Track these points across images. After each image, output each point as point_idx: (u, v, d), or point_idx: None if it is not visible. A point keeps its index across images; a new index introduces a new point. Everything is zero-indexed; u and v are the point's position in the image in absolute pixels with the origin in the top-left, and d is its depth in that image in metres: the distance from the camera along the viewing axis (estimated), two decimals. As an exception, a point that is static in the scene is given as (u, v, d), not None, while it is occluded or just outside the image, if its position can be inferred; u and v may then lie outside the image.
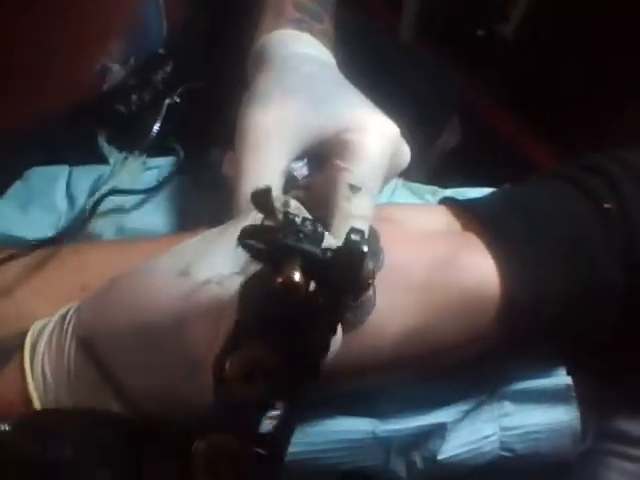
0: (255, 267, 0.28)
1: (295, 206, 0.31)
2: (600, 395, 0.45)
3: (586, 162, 0.45)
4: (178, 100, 0.51)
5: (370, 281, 0.21)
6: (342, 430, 0.39)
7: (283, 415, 0.22)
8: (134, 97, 0.51)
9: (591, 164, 0.44)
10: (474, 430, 0.42)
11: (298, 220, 0.23)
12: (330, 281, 0.20)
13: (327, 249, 0.21)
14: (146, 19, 0.48)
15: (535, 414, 0.43)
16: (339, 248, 0.20)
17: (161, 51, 0.52)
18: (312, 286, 0.21)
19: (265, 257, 0.21)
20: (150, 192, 0.43)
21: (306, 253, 0.20)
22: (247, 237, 0.24)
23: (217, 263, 0.29)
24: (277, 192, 0.36)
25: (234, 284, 0.27)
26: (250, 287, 0.23)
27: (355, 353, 0.35)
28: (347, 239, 0.20)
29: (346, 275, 0.20)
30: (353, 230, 0.20)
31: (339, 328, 0.28)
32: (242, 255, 0.30)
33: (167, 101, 0.50)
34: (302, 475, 0.41)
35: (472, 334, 0.38)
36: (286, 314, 0.21)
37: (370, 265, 0.21)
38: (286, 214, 0.23)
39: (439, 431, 0.41)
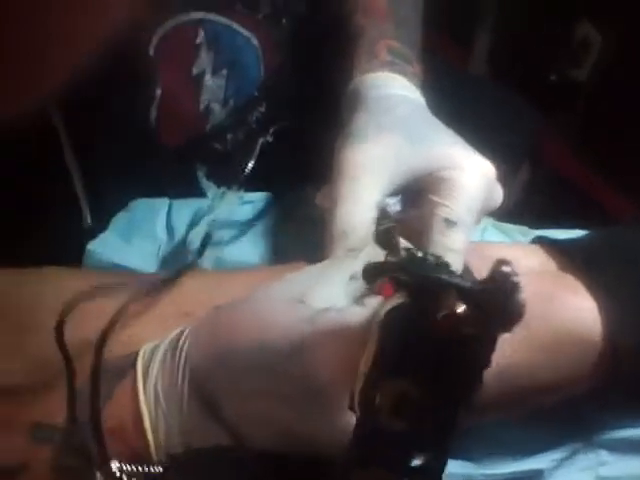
0: (373, 300, 0.29)
1: (406, 245, 0.31)
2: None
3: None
4: (271, 139, 0.53)
5: (523, 310, 0.21)
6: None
7: (434, 448, 0.21)
8: (230, 136, 0.53)
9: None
10: (570, 479, 0.41)
11: (421, 256, 0.23)
12: (485, 313, 0.20)
13: (477, 281, 0.21)
14: (245, 63, 0.50)
15: (633, 464, 0.41)
16: (491, 279, 0.21)
17: (256, 93, 0.54)
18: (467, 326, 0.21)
19: (416, 291, 0.21)
20: (246, 225, 0.44)
21: (460, 286, 0.20)
22: (372, 272, 0.24)
23: (331, 294, 0.30)
24: (369, 225, 0.36)
25: (354, 314, 0.28)
26: (392, 318, 0.23)
27: None
28: (495, 270, 0.20)
29: (501, 305, 0.20)
30: (501, 261, 0.20)
31: None
32: (355, 288, 0.31)
33: (261, 140, 0.52)
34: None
35: (570, 375, 0.38)
36: (438, 348, 0.21)
37: (523, 297, 0.21)
38: (409, 250, 0.23)
39: (535, 478, 0.40)
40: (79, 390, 0.31)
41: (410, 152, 0.38)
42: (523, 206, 0.84)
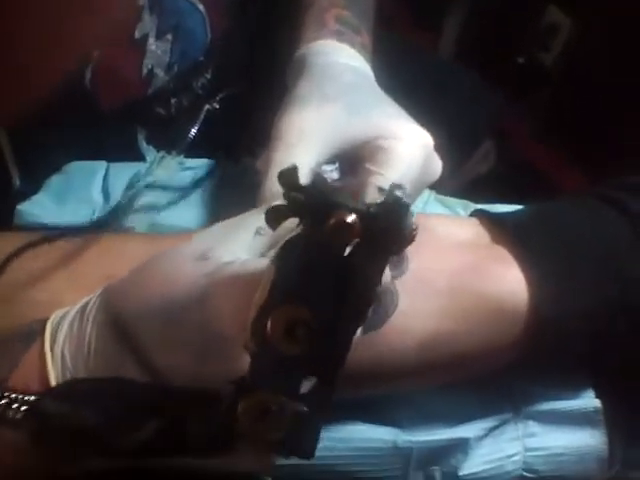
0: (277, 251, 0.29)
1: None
2: (629, 421, 0.43)
3: (619, 182, 0.44)
4: (217, 106, 0.52)
5: (414, 233, 0.21)
6: (363, 437, 0.39)
7: (325, 373, 0.22)
8: (174, 101, 0.52)
9: (624, 183, 0.44)
10: (497, 448, 0.41)
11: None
12: (376, 233, 0.21)
13: (370, 204, 0.21)
14: (191, 28, 0.49)
15: (561, 436, 0.42)
16: (383, 201, 0.21)
17: (201, 58, 0.53)
18: (354, 241, 0.21)
19: (309, 210, 0.21)
20: (184, 191, 0.44)
21: (352, 205, 0.21)
22: (275, 213, 0.24)
23: (236, 249, 0.30)
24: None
25: (256, 265, 0.28)
26: (287, 249, 0.23)
27: (377, 355, 0.35)
28: (389, 194, 0.20)
29: (392, 225, 0.21)
30: (394, 186, 0.21)
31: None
32: (260, 242, 0.31)
33: (206, 107, 0.51)
34: (320, 480, 0.40)
35: (496, 344, 0.38)
36: (330, 269, 0.21)
37: (413, 218, 0.21)
38: (315, 182, 0.23)
39: (462, 446, 0.40)
40: None
41: (349, 120, 0.38)
42: (482, 183, 0.84)
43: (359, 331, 0.27)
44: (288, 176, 0.24)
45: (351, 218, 0.20)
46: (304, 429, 0.22)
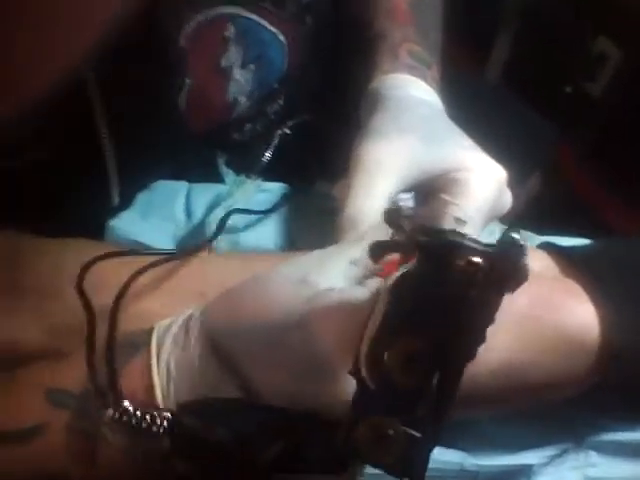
0: (372, 281, 0.31)
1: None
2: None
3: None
4: (289, 132, 0.54)
5: (527, 277, 0.23)
6: (432, 459, 0.40)
7: (436, 402, 0.23)
8: (248, 126, 0.55)
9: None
10: (558, 476, 0.42)
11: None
12: (496, 273, 0.22)
13: (490, 245, 0.23)
14: (271, 57, 0.51)
15: (621, 467, 0.43)
16: (502, 243, 0.22)
17: (275, 85, 0.55)
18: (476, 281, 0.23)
19: (429, 250, 0.23)
20: (266, 214, 0.46)
21: (472, 246, 0.22)
22: (380, 248, 0.26)
23: (333, 276, 0.32)
24: (379, 215, 0.38)
25: (354, 292, 0.30)
26: (401, 284, 0.24)
27: None
28: (506, 236, 0.22)
29: (511, 266, 0.22)
30: (510, 229, 0.22)
31: None
32: (355, 272, 0.33)
33: (278, 132, 0.54)
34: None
35: (566, 376, 0.39)
36: (447, 304, 0.23)
37: (528, 260, 0.22)
38: (418, 226, 0.25)
39: (525, 472, 0.41)
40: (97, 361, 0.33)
41: (425, 152, 0.40)
42: (530, 214, 0.85)
43: None
44: (393, 215, 0.26)
45: (477, 260, 0.22)
46: (417, 453, 0.23)
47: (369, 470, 0.28)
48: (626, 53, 1.15)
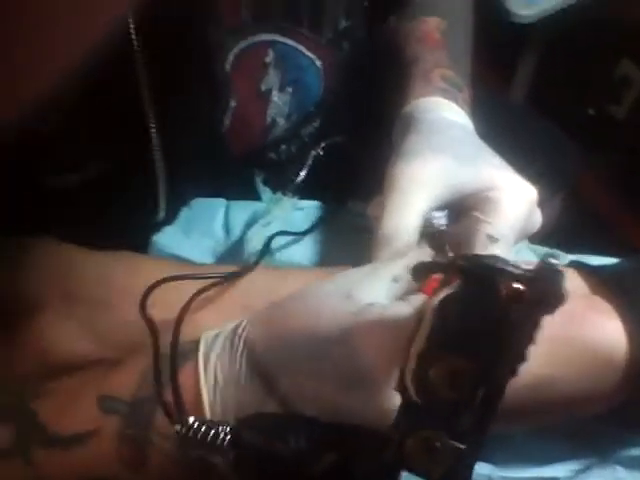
0: (414, 297, 0.32)
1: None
2: None
3: None
4: (322, 153, 0.56)
5: (566, 299, 0.24)
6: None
7: (479, 416, 0.25)
8: (284, 147, 0.57)
9: None
10: (585, 490, 0.43)
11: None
12: (537, 297, 0.24)
13: (530, 270, 0.24)
14: (308, 82, 0.54)
15: (646, 481, 0.43)
16: (542, 268, 0.24)
17: (311, 108, 0.57)
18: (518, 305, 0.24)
19: (475, 276, 0.25)
20: (305, 234, 0.48)
21: (516, 270, 0.24)
22: (423, 269, 0.28)
23: (376, 292, 0.33)
24: (414, 233, 0.39)
25: (397, 308, 0.31)
26: (446, 304, 0.26)
27: None
28: (546, 261, 0.24)
29: (550, 290, 0.24)
30: (548, 254, 0.24)
31: None
32: (396, 289, 0.34)
33: (312, 153, 0.56)
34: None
35: (595, 392, 0.40)
36: (490, 325, 0.24)
37: (566, 286, 0.24)
38: (461, 254, 0.27)
39: (552, 485, 0.42)
40: (146, 370, 0.35)
41: (458, 171, 0.41)
42: (555, 234, 0.86)
43: None
44: (434, 236, 0.28)
45: (519, 285, 0.23)
46: (462, 465, 0.25)
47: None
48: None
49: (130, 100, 0.42)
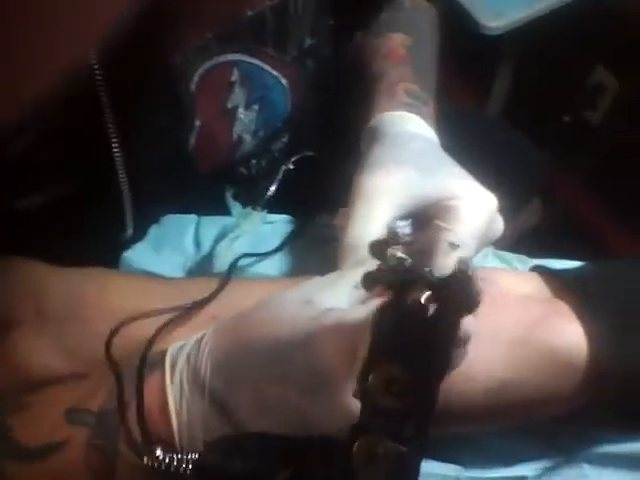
0: (374, 302, 0.33)
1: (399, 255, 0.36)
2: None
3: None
4: (292, 167, 0.58)
5: (479, 299, 0.26)
6: (428, 472, 0.42)
7: (419, 422, 0.26)
8: (254, 162, 0.59)
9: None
10: (552, 488, 0.44)
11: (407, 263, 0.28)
12: (448, 301, 0.25)
13: (442, 277, 0.26)
14: (274, 99, 0.55)
15: (612, 478, 0.44)
16: (452, 273, 0.25)
17: (280, 124, 0.59)
18: (433, 309, 0.26)
19: (395, 285, 0.26)
20: (273, 254, 0.49)
21: (427, 279, 0.25)
22: (372, 278, 0.29)
23: (337, 298, 0.34)
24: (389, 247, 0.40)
25: (355, 312, 0.32)
26: (382, 313, 0.27)
27: (445, 398, 0.39)
28: (457, 268, 0.25)
29: (461, 293, 0.25)
30: (460, 261, 0.25)
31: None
32: (358, 294, 0.35)
33: (283, 167, 0.57)
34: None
35: (556, 394, 0.41)
36: (415, 334, 0.26)
37: (479, 286, 0.25)
38: (399, 258, 0.28)
39: (519, 484, 0.43)
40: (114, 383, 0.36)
41: (420, 182, 0.42)
42: (531, 240, 0.87)
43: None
44: (377, 247, 0.29)
45: (426, 295, 0.25)
46: (406, 468, 0.26)
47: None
48: (622, 83, 1.19)
49: (92, 119, 0.44)
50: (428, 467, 0.42)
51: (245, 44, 0.51)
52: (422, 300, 0.25)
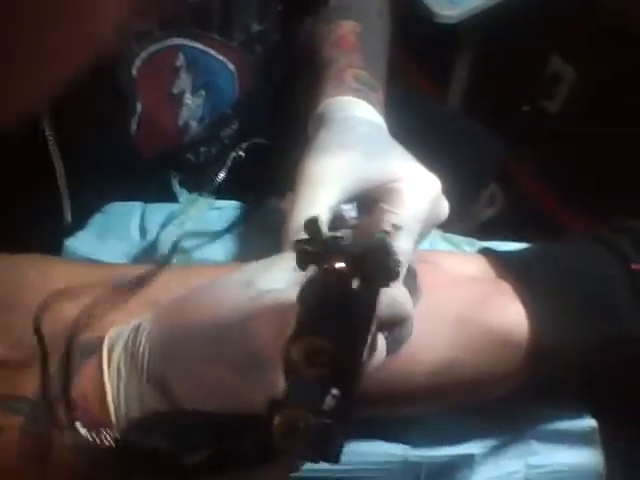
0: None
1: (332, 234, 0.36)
2: (627, 443, 0.46)
3: (618, 226, 0.49)
4: (242, 154, 0.57)
5: (398, 270, 0.25)
6: (375, 452, 0.42)
7: (342, 393, 0.26)
8: (203, 149, 0.58)
9: (623, 227, 0.48)
10: (501, 465, 0.45)
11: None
12: (366, 271, 0.25)
13: (360, 247, 0.26)
14: (221, 85, 0.55)
15: (560, 454, 0.45)
16: (370, 243, 0.26)
17: (229, 111, 0.58)
18: (355, 281, 0.26)
19: (315, 258, 0.26)
20: (219, 236, 0.49)
21: (345, 249, 0.25)
22: (301, 257, 0.29)
23: (276, 279, 0.34)
24: (324, 224, 0.40)
25: (291, 294, 0.32)
26: (307, 288, 0.27)
27: (389, 379, 0.39)
28: (377, 238, 0.25)
29: (378, 263, 0.25)
30: (379, 232, 0.25)
31: (382, 342, 0.32)
32: (298, 276, 0.35)
33: (232, 154, 0.56)
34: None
35: (500, 372, 0.42)
36: (337, 304, 0.26)
37: (397, 256, 0.25)
38: (333, 236, 0.28)
39: (467, 462, 0.44)
40: (51, 370, 0.35)
41: (365, 166, 0.42)
42: (489, 223, 0.88)
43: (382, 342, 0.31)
44: (311, 224, 0.29)
45: (339, 264, 0.25)
46: (328, 439, 0.25)
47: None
48: (579, 73, 1.20)
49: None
50: (375, 447, 0.43)
51: (189, 29, 0.51)
52: (340, 268, 0.25)
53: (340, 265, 0.24)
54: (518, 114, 1.26)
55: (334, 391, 0.25)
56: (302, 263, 0.30)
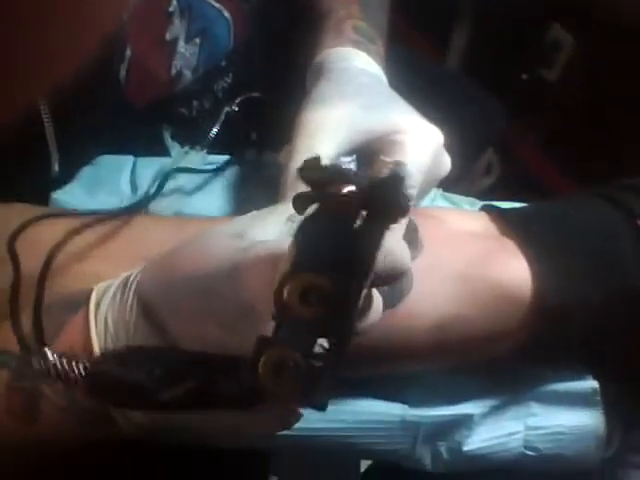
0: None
1: None
2: (627, 404, 0.46)
3: (622, 183, 0.48)
4: (236, 109, 0.55)
5: (409, 205, 0.24)
6: (373, 412, 0.41)
7: (335, 337, 0.24)
8: (196, 103, 0.56)
9: (628, 184, 0.47)
10: (500, 426, 0.44)
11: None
12: (374, 204, 0.23)
13: (370, 177, 0.24)
14: (216, 33, 0.52)
15: (560, 415, 0.44)
16: (381, 177, 0.24)
17: (223, 63, 0.56)
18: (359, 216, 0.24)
19: (320, 183, 0.24)
20: (210, 172, 0.47)
21: (354, 179, 0.23)
22: (300, 200, 0.27)
23: (269, 231, 0.33)
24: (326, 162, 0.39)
25: (284, 244, 0.31)
26: (306, 224, 0.26)
27: (390, 334, 0.38)
28: (390, 170, 0.23)
29: (388, 196, 0.23)
30: (396, 162, 0.23)
31: (378, 298, 0.30)
32: (292, 228, 0.34)
33: (226, 109, 0.54)
34: (331, 453, 0.43)
35: (501, 329, 0.40)
36: (338, 237, 0.24)
37: (408, 193, 0.23)
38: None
39: (466, 422, 0.43)
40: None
41: (365, 117, 0.41)
42: (485, 192, 0.87)
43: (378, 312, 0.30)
44: (312, 164, 0.27)
45: (348, 189, 0.23)
46: (317, 383, 0.24)
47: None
48: (578, 41, 1.18)
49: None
50: (373, 406, 0.41)
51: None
52: (347, 193, 0.23)
53: (348, 189, 0.23)
54: (516, 82, 1.24)
55: (327, 335, 0.24)
56: (302, 205, 0.28)
